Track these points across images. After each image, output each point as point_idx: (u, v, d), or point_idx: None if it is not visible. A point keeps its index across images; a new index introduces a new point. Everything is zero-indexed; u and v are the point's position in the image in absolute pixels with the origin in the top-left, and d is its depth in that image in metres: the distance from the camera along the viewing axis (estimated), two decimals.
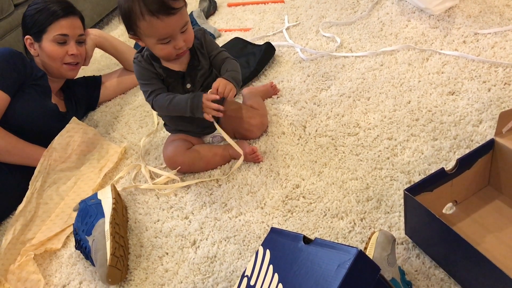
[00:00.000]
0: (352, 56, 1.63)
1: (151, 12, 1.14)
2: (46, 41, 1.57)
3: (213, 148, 1.40)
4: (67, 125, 1.53)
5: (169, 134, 1.47)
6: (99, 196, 1.30)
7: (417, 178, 1.14)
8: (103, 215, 1.23)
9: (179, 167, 1.36)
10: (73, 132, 1.53)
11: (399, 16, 1.73)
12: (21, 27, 1.64)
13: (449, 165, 0.98)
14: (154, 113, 1.70)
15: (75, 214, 1.31)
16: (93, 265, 1.19)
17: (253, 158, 1.34)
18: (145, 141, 1.59)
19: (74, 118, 1.56)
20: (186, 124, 1.40)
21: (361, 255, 0.72)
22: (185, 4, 1.23)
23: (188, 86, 1.33)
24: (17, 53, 1.52)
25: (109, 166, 1.52)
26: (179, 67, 1.31)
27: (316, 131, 1.38)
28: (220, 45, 1.91)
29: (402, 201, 1.08)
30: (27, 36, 1.60)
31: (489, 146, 1.00)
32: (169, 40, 1.21)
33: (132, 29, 1.22)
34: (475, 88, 1.33)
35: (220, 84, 1.21)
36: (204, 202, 1.29)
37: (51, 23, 1.56)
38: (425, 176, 0.95)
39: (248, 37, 1.94)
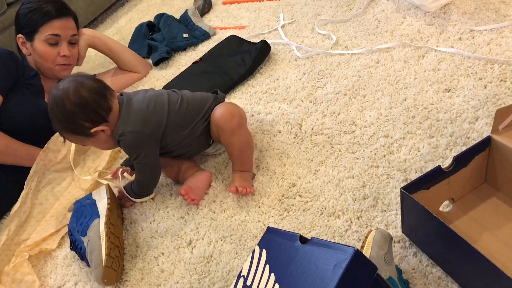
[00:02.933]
0: (348, 53, 1.62)
1: None
2: (38, 41, 1.56)
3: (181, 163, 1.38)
4: None
5: None
6: (94, 197, 1.29)
7: (413, 176, 1.14)
8: (98, 216, 1.22)
9: None
10: None
11: (395, 13, 1.73)
12: (14, 25, 1.63)
13: (446, 163, 0.98)
14: None
15: (70, 214, 1.30)
16: (89, 266, 1.18)
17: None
18: None
19: None
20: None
21: (357, 255, 0.72)
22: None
23: None
24: (9, 52, 1.50)
25: (102, 166, 1.51)
26: None
27: (312, 129, 1.37)
28: (215, 44, 1.91)
29: (398, 199, 1.08)
30: (19, 35, 1.58)
31: (485, 143, 1.00)
32: None
33: None
34: (471, 85, 1.32)
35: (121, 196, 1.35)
36: (200, 202, 1.28)
37: (44, 24, 1.54)
38: (422, 174, 0.95)
39: (243, 35, 1.93)
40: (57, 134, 1.49)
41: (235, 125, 1.24)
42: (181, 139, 1.28)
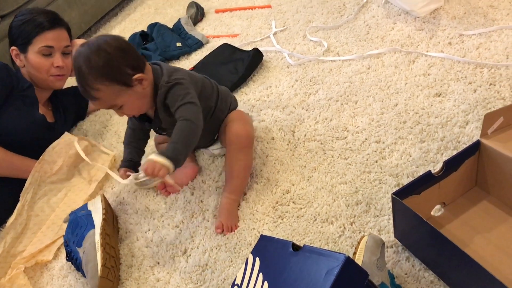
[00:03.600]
0: (339, 60, 1.64)
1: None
2: (31, 53, 1.57)
3: None
4: (59, 139, 1.52)
5: None
6: (89, 207, 1.30)
7: (405, 181, 1.15)
8: (93, 226, 1.22)
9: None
10: (63, 144, 1.52)
11: (385, 19, 1.74)
12: (8, 37, 1.64)
13: (437, 167, 0.99)
14: None
15: (65, 225, 1.30)
16: (85, 276, 1.18)
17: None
18: None
19: (66, 133, 1.56)
20: None
21: (349, 261, 0.72)
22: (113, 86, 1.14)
23: (163, 133, 1.35)
24: (2, 64, 1.51)
25: (100, 176, 1.52)
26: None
27: (305, 135, 1.38)
28: (208, 52, 1.92)
29: (391, 204, 1.08)
30: (13, 47, 1.59)
31: (475, 147, 1.01)
32: None
33: None
34: (461, 89, 1.34)
35: (148, 166, 1.08)
36: (194, 210, 1.29)
37: (37, 35, 1.55)
38: (413, 179, 0.96)
39: (236, 43, 1.94)
40: (52, 145, 1.50)
41: (246, 144, 1.27)
42: (207, 110, 1.28)
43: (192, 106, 1.17)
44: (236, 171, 1.26)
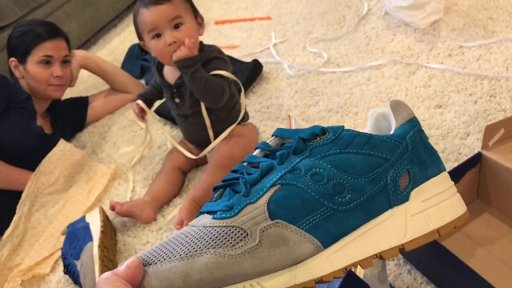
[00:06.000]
0: (339, 71, 1.63)
1: (143, 4, 1.22)
2: (30, 63, 1.57)
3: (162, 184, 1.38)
4: (55, 148, 1.51)
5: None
6: (87, 219, 1.28)
7: None
8: (91, 239, 1.21)
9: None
10: (60, 155, 1.51)
11: (385, 31, 1.75)
12: (6, 49, 1.64)
13: None
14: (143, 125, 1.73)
15: (63, 237, 1.29)
16: None
17: None
18: (136, 160, 1.58)
19: (62, 140, 1.55)
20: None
21: (350, 275, 0.71)
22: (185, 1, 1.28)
23: (177, 100, 1.34)
24: (0, 76, 1.51)
25: (99, 189, 1.50)
26: (172, 78, 1.34)
27: None
28: None
29: None
30: (11, 58, 1.59)
31: (476, 159, 1.00)
32: (159, 34, 1.24)
33: (137, 32, 1.30)
34: (461, 101, 1.33)
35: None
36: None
37: (36, 46, 1.56)
38: None
39: (235, 54, 1.94)
40: (48, 155, 1.49)
41: (226, 164, 1.28)
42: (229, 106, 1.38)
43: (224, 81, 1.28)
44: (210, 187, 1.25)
